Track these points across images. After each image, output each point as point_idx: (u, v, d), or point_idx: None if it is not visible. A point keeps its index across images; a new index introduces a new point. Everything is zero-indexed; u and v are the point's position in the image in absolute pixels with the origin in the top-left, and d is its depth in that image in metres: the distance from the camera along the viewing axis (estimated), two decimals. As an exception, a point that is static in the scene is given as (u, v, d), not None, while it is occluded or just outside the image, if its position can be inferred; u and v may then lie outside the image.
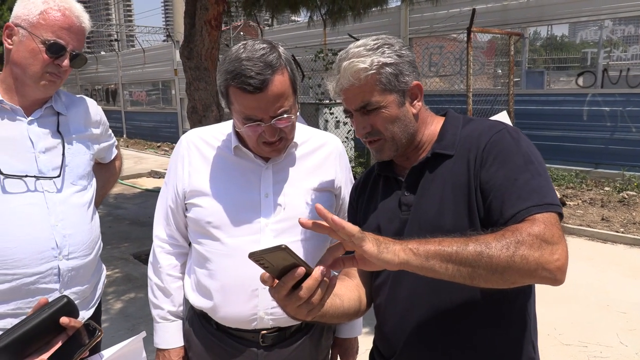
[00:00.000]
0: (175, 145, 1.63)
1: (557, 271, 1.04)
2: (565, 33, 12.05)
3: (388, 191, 1.35)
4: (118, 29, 50.11)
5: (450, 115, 1.36)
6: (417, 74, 1.30)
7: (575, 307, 4.11)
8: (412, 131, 1.30)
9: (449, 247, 1.02)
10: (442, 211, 1.21)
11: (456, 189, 1.21)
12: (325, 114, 9.07)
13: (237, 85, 1.32)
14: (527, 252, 1.02)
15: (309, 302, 1.01)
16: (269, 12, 6.72)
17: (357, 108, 1.26)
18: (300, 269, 0.97)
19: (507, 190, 1.14)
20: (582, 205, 7.20)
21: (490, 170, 1.17)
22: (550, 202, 1.11)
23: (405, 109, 1.28)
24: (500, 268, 1.01)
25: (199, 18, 4.33)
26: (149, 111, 18.60)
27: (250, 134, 1.39)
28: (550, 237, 1.05)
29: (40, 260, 1.56)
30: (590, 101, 8.60)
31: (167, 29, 39.42)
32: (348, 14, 6.38)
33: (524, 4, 9.03)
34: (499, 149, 1.18)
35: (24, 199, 1.56)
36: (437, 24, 9.53)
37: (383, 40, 1.26)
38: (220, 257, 1.47)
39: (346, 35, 8.69)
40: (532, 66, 10.15)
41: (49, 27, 1.57)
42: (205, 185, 1.50)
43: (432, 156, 1.27)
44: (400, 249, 1.01)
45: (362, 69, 1.21)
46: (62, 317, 0.95)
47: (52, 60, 1.59)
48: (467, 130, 1.27)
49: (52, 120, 1.69)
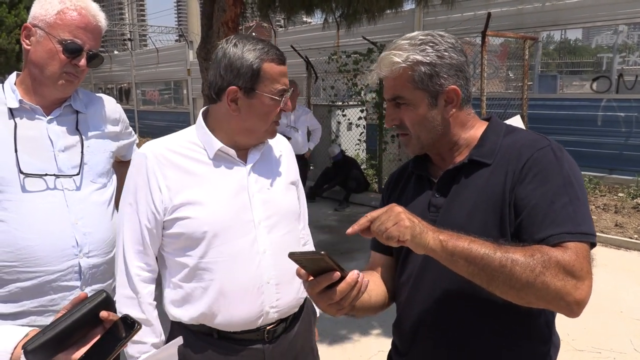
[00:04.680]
0: (133, 162, 1.53)
1: (575, 306, 1.05)
2: (579, 37, 11.97)
3: (419, 189, 1.35)
4: (131, 29, 50.39)
5: (494, 121, 1.32)
6: (459, 78, 1.24)
7: (588, 313, 4.06)
8: (440, 134, 1.27)
9: (477, 250, 1.04)
10: (471, 219, 1.20)
11: (489, 199, 1.18)
12: (338, 115, 9.07)
13: (271, 58, 1.45)
14: (549, 280, 1.02)
15: (339, 303, 1.06)
16: (283, 14, 6.76)
17: (389, 98, 1.28)
18: (335, 274, 1.04)
19: (541, 212, 1.11)
20: (596, 211, 7.14)
21: (527, 188, 1.14)
22: (585, 232, 1.08)
23: (437, 111, 1.25)
24: (519, 286, 1.03)
25: (217, 19, 4.38)
26: (161, 110, 18.71)
27: (274, 109, 1.49)
28: (578, 270, 1.04)
29: (61, 258, 1.58)
30: (605, 106, 8.53)
31: (179, 29, 39.56)
32: (363, 17, 6.40)
33: (539, 8, 8.98)
34: (540, 166, 1.15)
35: (44, 197, 1.58)
36: (451, 27, 9.50)
37: (431, 38, 1.23)
38: (221, 263, 1.47)
39: (360, 38, 8.70)
40: (545, 70, 10.09)
41: (66, 26, 1.58)
42: (193, 196, 1.46)
43: (468, 162, 1.24)
44: (431, 237, 1.06)
45: (395, 62, 1.22)
46: (101, 311, 0.97)
47: (70, 60, 1.60)
48: (509, 141, 1.24)
49: (71, 119, 1.70)
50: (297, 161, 6.68)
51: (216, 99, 1.50)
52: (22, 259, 1.54)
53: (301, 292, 1.61)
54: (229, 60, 1.44)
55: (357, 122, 8.80)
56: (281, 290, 1.54)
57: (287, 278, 1.54)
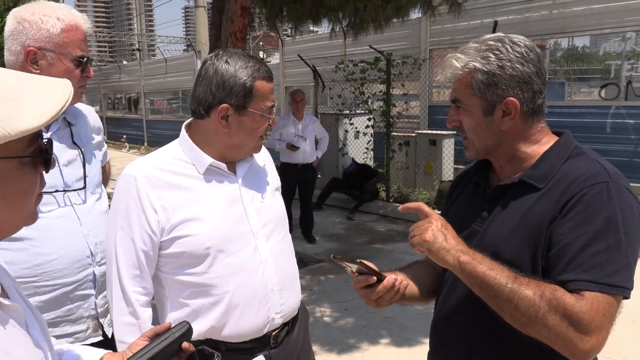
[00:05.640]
0: (120, 184, 1.48)
1: (579, 355, 1.02)
2: (586, 44, 11.93)
3: (474, 197, 1.35)
4: (140, 39, 50.85)
5: (562, 141, 1.24)
6: (521, 90, 1.18)
7: (599, 323, 4.04)
8: (495, 144, 1.24)
9: (491, 278, 1.08)
10: (507, 241, 1.17)
11: (529, 226, 1.14)
12: (345, 124, 9.09)
13: (262, 76, 1.48)
14: (551, 323, 1.02)
15: (377, 301, 1.27)
16: (291, 24, 6.81)
17: (451, 99, 1.28)
18: (372, 278, 1.25)
19: (571, 253, 1.06)
20: (605, 219, 7.09)
21: (566, 225, 1.08)
22: (612, 284, 1.02)
23: (491, 120, 1.21)
24: (523, 321, 1.05)
25: (225, 30, 4.42)
26: (169, 120, 18.86)
27: (262, 125, 1.52)
28: (587, 322, 1.00)
29: (78, 269, 1.62)
30: (614, 113, 8.49)
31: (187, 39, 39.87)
32: (370, 26, 6.44)
33: (546, 16, 8.99)
34: (586, 205, 1.08)
35: (57, 213, 1.61)
36: (458, 35, 9.52)
37: (499, 45, 1.19)
38: (226, 277, 1.47)
39: (367, 47, 8.74)
40: (552, 77, 10.07)
41: (74, 43, 1.59)
42: (190, 213, 1.45)
43: (519, 182, 1.20)
44: (451, 257, 1.12)
45: (454, 67, 1.22)
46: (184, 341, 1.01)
47: (81, 74, 1.63)
48: (569, 167, 1.16)
49: (67, 132, 1.71)
50: (306, 170, 6.67)
51: (204, 115, 1.49)
52: (40, 273, 1.57)
53: (299, 294, 1.67)
54: (221, 77, 1.45)
55: (365, 131, 8.81)
56: (284, 295, 1.57)
57: (289, 282, 1.59)
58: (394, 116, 8.23)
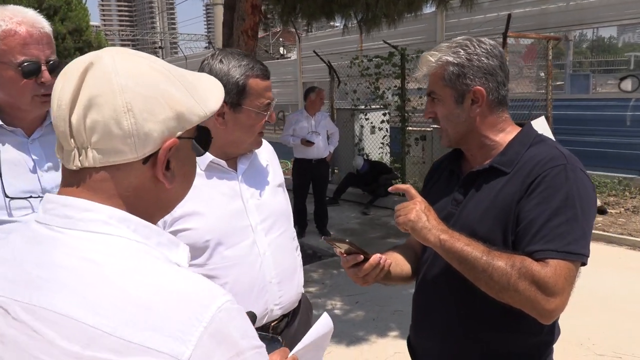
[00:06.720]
0: None
1: (545, 315, 1.17)
2: (613, 35, 11.64)
3: (449, 183, 1.48)
4: (162, 37, 51.51)
5: (524, 130, 1.38)
6: (487, 81, 1.32)
7: (610, 317, 4.01)
8: (466, 131, 1.37)
9: (468, 253, 1.20)
10: (481, 222, 1.31)
11: (499, 207, 1.28)
12: (361, 119, 9.11)
13: (256, 74, 1.53)
14: (521, 289, 1.15)
15: (364, 278, 1.38)
16: (305, 20, 6.86)
17: (427, 93, 1.41)
18: (359, 256, 1.35)
19: (536, 227, 1.20)
20: (625, 214, 6.98)
21: (531, 202, 1.23)
22: (572, 251, 1.17)
23: (462, 108, 1.35)
24: (497, 289, 1.18)
25: (236, 28, 4.50)
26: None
27: (259, 122, 1.57)
28: (552, 285, 1.14)
29: None
30: (635, 106, 8.33)
31: (208, 36, 40.19)
32: (382, 21, 6.44)
33: (563, 7, 8.85)
34: (547, 184, 1.22)
35: (29, 218, 1.52)
36: (474, 29, 9.45)
37: (467, 42, 1.35)
38: (224, 269, 1.53)
39: (381, 42, 8.73)
40: (577, 69, 9.89)
41: (15, 48, 1.45)
42: (191, 207, 1.50)
43: (489, 168, 1.34)
44: (432, 235, 1.23)
45: (429, 62, 1.36)
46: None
47: (34, 81, 1.49)
48: (532, 153, 1.30)
49: (53, 138, 1.65)
50: (320, 165, 6.70)
51: None
52: None
53: (300, 287, 1.72)
54: (215, 76, 1.49)
55: (380, 126, 8.82)
56: (283, 288, 1.63)
57: (288, 275, 1.64)
58: (409, 111, 8.22)
